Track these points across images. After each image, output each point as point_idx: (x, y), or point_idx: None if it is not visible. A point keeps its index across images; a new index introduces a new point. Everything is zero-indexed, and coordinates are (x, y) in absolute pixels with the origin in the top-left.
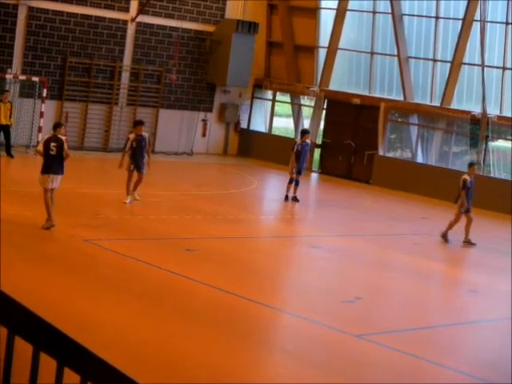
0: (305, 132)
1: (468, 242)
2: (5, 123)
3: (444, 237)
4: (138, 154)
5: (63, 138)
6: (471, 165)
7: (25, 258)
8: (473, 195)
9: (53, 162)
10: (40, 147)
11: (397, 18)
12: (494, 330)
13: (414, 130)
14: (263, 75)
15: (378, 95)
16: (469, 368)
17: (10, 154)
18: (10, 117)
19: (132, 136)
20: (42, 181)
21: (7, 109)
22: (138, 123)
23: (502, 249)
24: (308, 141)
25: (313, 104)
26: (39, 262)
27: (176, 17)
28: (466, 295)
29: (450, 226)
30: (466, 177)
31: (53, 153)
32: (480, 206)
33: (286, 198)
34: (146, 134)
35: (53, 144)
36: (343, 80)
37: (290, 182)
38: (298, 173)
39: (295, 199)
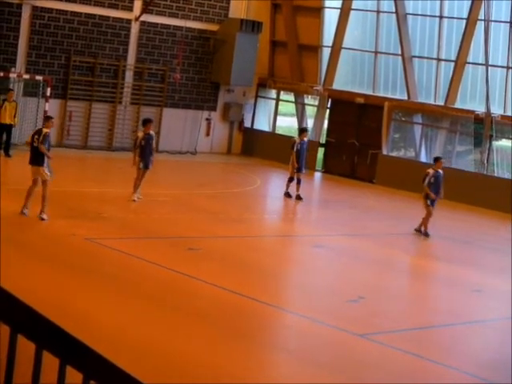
0: (304, 130)
1: (419, 231)
2: (9, 122)
3: (424, 234)
4: (147, 152)
5: (45, 131)
6: (438, 159)
7: (26, 256)
8: (439, 190)
9: (34, 154)
10: (29, 139)
11: (401, 18)
12: (496, 329)
13: (417, 130)
14: (267, 74)
15: (381, 94)
16: (471, 368)
17: (7, 154)
18: (15, 116)
19: (141, 134)
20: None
21: (12, 108)
22: (147, 121)
23: (502, 248)
24: (306, 139)
25: (317, 103)
26: (41, 260)
27: (180, 16)
28: (469, 295)
29: (426, 222)
30: (430, 170)
31: (35, 144)
32: (484, 205)
33: (287, 194)
34: (152, 133)
35: (35, 136)
36: (347, 79)
37: (290, 180)
38: (299, 171)
39: (299, 197)
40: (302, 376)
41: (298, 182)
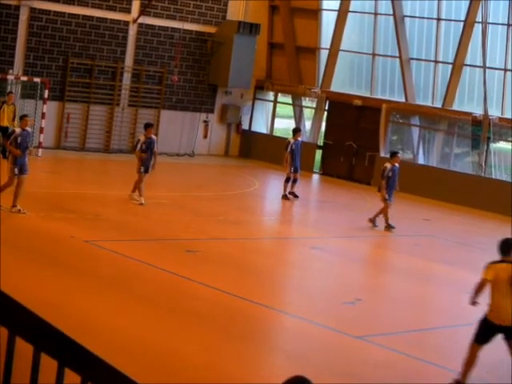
0: (297, 130)
1: (372, 222)
2: (7, 125)
3: (388, 227)
4: (148, 156)
5: (14, 129)
6: (394, 153)
7: (25, 258)
8: (395, 183)
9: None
10: None
11: (398, 20)
12: None
13: (415, 132)
14: (265, 76)
15: (379, 96)
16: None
17: (5, 156)
18: (14, 119)
19: (142, 138)
20: None
21: (11, 111)
22: (148, 125)
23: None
24: (300, 139)
25: (314, 105)
26: (40, 262)
27: (178, 18)
28: (467, 296)
29: (386, 215)
30: (387, 165)
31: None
32: (481, 207)
33: (285, 196)
34: (154, 137)
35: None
36: (345, 81)
37: (287, 180)
38: (296, 171)
39: (294, 195)
40: None
41: (294, 182)
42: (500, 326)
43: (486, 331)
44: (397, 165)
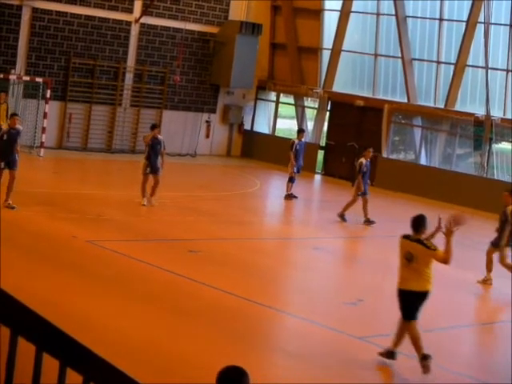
0: (301, 131)
1: (368, 221)
2: (1, 124)
3: (341, 216)
4: (153, 156)
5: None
6: (366, 149)
7: (27, 258)
8: (369, 178)
9: None
10: None
11: (401, 20)
12: (495, 332)
13: (417, 132)
14: (267, 77)
15: (381, 97)
16: (469, 370)
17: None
18: (7, 118)
19: (149, 136)
20: None
21: (3, 110)
22: (153, 126)
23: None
24: (303, 139)
25: (316, 106)
26: (42, 262)
27: (180, 18)
28: (468, 297)
29: (347, 207)
30: (363, 160)
31: None
32: (483, 208)
33: (287, 197)
34: (161, 137)
35: None
36: (347, 82)
37: (290, 180)
38: (298, 171)
39: (293, 196)
40: (301, 377)
41: (292, 182)
42: (400, 290)
43: (399, 300)
44: (369, 159)
